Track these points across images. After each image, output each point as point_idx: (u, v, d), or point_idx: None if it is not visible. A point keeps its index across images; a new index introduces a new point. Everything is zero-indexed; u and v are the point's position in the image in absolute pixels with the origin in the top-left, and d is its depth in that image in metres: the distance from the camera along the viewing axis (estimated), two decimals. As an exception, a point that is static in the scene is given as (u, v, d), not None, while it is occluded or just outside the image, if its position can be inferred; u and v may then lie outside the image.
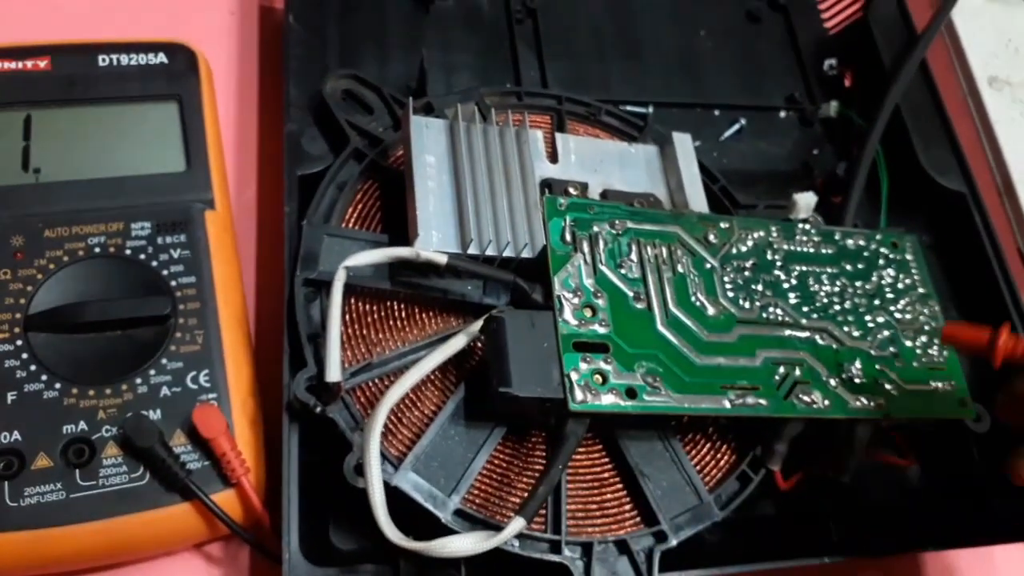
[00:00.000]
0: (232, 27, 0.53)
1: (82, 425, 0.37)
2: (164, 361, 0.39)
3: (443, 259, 0.38)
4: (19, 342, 0.38)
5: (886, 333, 0.44)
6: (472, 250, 0.39)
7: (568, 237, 0.40)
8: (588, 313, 0.38)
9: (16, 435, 0.36)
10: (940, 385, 0.43)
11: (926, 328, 0.45)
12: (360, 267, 0.37)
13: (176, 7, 0.52)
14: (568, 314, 0.38)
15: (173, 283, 0.40)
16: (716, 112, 0.57)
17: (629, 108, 0.54)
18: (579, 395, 0.36)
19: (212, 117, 0.45)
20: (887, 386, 0.42)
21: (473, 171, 0.41)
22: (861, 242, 0.46)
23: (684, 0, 0.60)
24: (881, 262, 0.46)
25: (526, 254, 0.40)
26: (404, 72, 0.51)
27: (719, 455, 0.42)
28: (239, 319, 0.41)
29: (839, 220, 0.50)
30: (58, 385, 0.37)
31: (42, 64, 0.43)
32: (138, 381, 0.38)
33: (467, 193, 0.40)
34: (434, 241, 0.39)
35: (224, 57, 0.52)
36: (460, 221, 0.39)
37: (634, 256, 0.40)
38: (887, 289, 0.45)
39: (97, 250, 0.40)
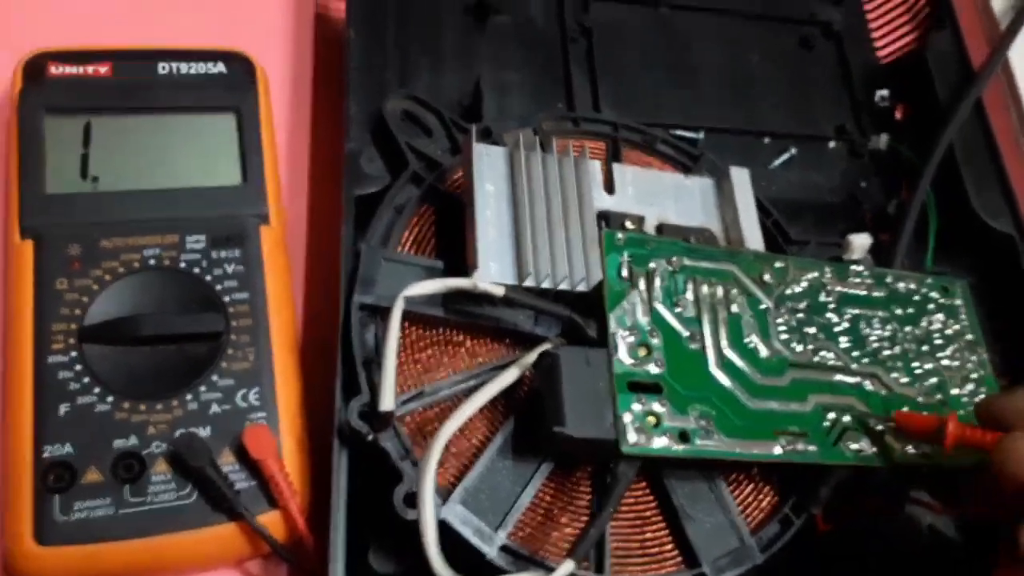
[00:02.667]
0: (287, 34, 0.53)
1: (133, 440, 0.37)
2: (215, 378, 0.39)
3: (500, 291, 0.38)
4: (73, 353, 0.38)
5: (933, 380, 0.43)
6: (529, 283, 0.39)
7: (625, 273, 0.39)
8: (643, 352, 0.38)
9: (68, 448, 0.36)
10: (986, 435, 0.43)
11: (973, 376, 0.45)
12: (418, 296, 0.37)
13: (230, 12, 0.52)
14: (623, 353, 0.38)
15: (226, 298, 0.40)
16: (766, 140, 0.57)
17: (680, 133, 0.54)
18: (632, 437, 0.36)
19: (268, 130, 0.45)
20: (934, 435, 0.42)
21: (532, 201, 0.40)
22: (912, 286, 0.46)
23: (737, 25, 0.60)
24: (931, 307, 0.46)
25: (581, 288, 0.39)
26: (457, 87, 0.51)
27: (761, 496, 0.42)
28: (290, 338, 0.41)
29: (888, 259, 0.49)
30: (110, 398, 0.37)
31: (103, 70, 0.43)
32: (188, 397, 0.38)
33: (526, 224, 0.40)
34: (492, 272, 0.38)
35: (278, 64, 0.51)
36: (518, 252, 0.39)
37: (690, 295, 0.40)
38: (936, 335, 0.45)
39: (152, 262, 0.40)
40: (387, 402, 0.36)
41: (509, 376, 0.38)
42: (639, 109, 0.54)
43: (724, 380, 0.39)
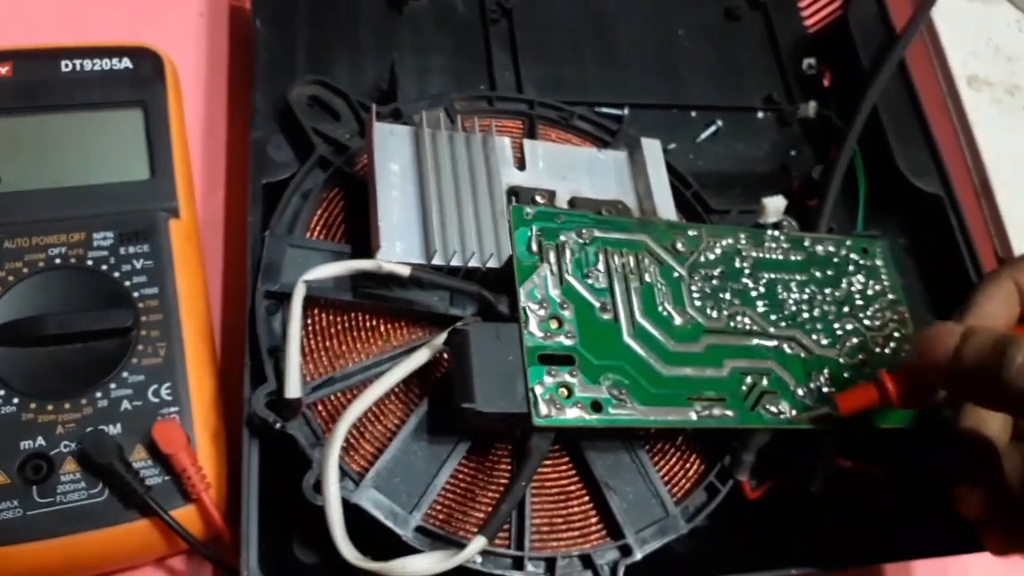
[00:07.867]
0: (201, 29, 0.52)
1: (40, 441, 0.36)
2: (125, 374, 0.38)
3: (406, 271, 0.37)
4: (-24, 356, 0.37)
5: (855, 340, 0.43)
6: (437, 260, 0.38)
7: (535, 247, 0.39)
8: (554, 325, 0.38)
9: (-28, 451, 0.36)
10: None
11: (895, 335, 0.44)
12: (321, 280, 0.37)
13: (143, 9, 0.51)
14: (533, 326, 0.37)
15: (136, 294, 0.40)
16: (693, 113, 0.56)
17: (605, 110, 0.53)
18: (543, 410, 0.36)
19: (178, 123, 0.44)
20: (856, 394, 0.42)
21: (438, 179, 0.40)
22: (831, 248, 0.46)
23: (661, -1, 0.60)
24: (851, 268, 0.45)
25: (492, 264, 0.39)
26: (377, 76, 0.51)
27: (688, 465, 0.42)
28: (203, 331, 0.41)
29: (815, 224, 0.49)
30: (16, 400, 0.37)
31: (3, 71, 0.43)
32: (98, 395, 0.38)
33: (432, 202, 0.39)
34: (397, 251, 0.38)
35: (192, 60, 0.51)
36: (425, 231, 0.39)
37: (601, 266, 0.40)
38: (856, 296, 0.45)
39: (58, 261, 0.40)
40: (293, 389, 0.35)
41: (418, 358, 0.37)
42: (564, 89, 0.54)
43: (637, 348, 0.39)
